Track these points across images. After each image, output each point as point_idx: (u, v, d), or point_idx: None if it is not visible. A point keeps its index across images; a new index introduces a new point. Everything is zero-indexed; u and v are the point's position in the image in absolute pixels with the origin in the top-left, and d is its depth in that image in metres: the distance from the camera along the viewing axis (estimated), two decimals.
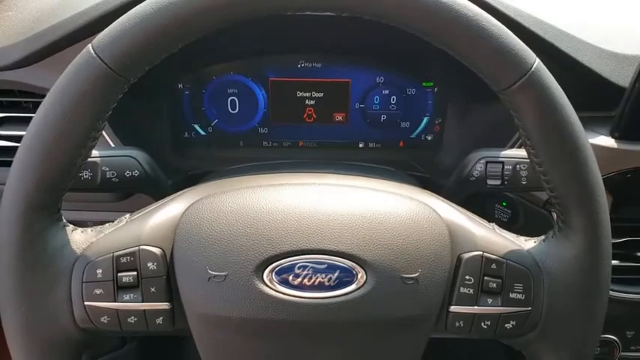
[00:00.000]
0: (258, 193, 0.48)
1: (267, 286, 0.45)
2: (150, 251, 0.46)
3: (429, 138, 0.83)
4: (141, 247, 0.46)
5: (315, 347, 0.46)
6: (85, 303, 0.45)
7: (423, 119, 0.82)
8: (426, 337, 0.48)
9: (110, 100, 0.43)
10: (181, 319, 0.47)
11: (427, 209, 0.48)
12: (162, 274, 0.46)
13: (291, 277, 0.45)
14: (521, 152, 0.61)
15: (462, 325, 0.48)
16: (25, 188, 0.42)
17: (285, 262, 0.45)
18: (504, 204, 0.72)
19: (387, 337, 0.46)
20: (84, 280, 0.45)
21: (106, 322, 0.45)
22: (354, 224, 0.46)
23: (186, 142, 0.81)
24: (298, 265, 0.45)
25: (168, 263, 0.46)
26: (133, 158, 0.58)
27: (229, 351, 0.46)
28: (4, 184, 0.67)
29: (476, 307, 0.47)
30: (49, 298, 0.44)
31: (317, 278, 0.45)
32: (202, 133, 0.81)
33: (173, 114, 0.79)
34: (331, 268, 0.45)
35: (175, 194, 0.51)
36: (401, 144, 0.84)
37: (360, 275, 0.45)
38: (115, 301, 0.45)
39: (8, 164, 0.69)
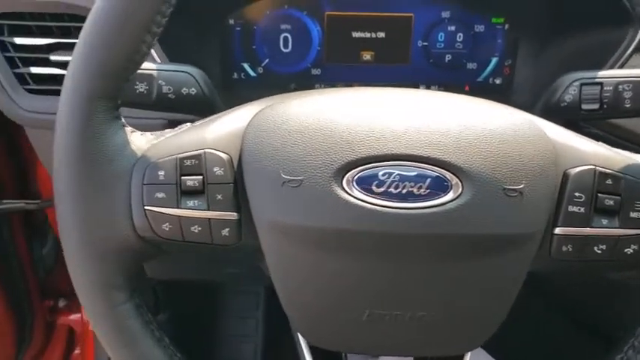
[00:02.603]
0: (336, 96, 0.43)
1: (347, 192, 0.39)
2: (216, 155, 0.41)
3: (498, 82, 0.76)
4: (206, 150, 0.41)
5: (402, 264, 0.40)
6: (146, 207, 0.40)
7: (491, 60, 0.75)
8: (527, 263, 0.41)
9: None
10: (249, 233, 0.41)
11: (528, 121, 0.42)
12: (229, 181, 0.41)
13: (374, 185, 0.39)
14: (623, 72, 0.54)
15: (570, 249, 0.41)
16: (88, 73, 0.38)
17: (367, 167, 0.39)
18: None
19: (485, 257, 0.40)
20: (144, 182, 0.40)
21: (167, 229, 0.40)
22: (447, 129, 0.40)
23: (235, 84, 0.76)
24: (383, 171, 0.39)
25: (235, 170, 0.41)
26: (190, 75, 0.53)
27: (303, 265, 0.41)
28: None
29: (588, 228, 0.41)
30: (107, 200, 0.40)
31: (405, 186, 0.39)
32: (252, 73, 0.76)
33: (223, 53, 0.74)
34: (421, 176, 0.39)
35: (239, 106, 0.46)
36: (466, 88, 0.77)
37: (455, 184, 0.39)
38: (178, 207, 0.40)
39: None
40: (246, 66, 0.76)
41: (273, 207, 0.40)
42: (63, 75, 0.66)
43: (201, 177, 0.41)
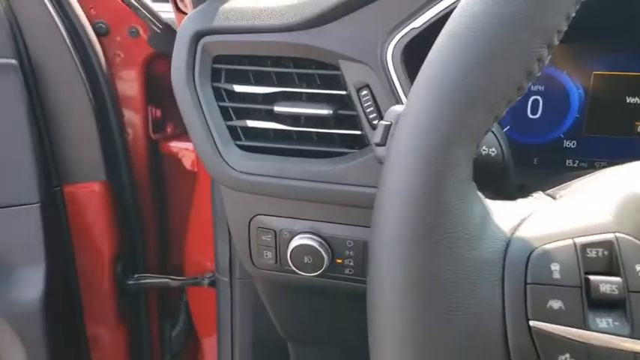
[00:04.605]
0: None
1: None
2: (635, 244, 0.25)
3: None
4: (618, 234, 0.25)
5: None
6: (532, 323, 0.24)
7: None
8: None
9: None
10: None
11: None
12: None
13: None
14: None
15: None
16: (450, 120, 0.25)
17: None
18: None
19: None
20: (529, 281, 0.25)
21: None
22: None
23: None
24: None
25: None
26: (492, 132, 0.39)
27: None
28: (284, 177, 0.52)
29: None
30: (466, 301, 0.25)
31: None
32: None
33: None
34: None
35: (595, 173, 0.31)
36: None
37: None
38: (583, 328, 0.24)
39: (286, 152, 0.53)
40: None
41: None
42: (282, 130, 0.56)
43: (619, 279, 0.24)
